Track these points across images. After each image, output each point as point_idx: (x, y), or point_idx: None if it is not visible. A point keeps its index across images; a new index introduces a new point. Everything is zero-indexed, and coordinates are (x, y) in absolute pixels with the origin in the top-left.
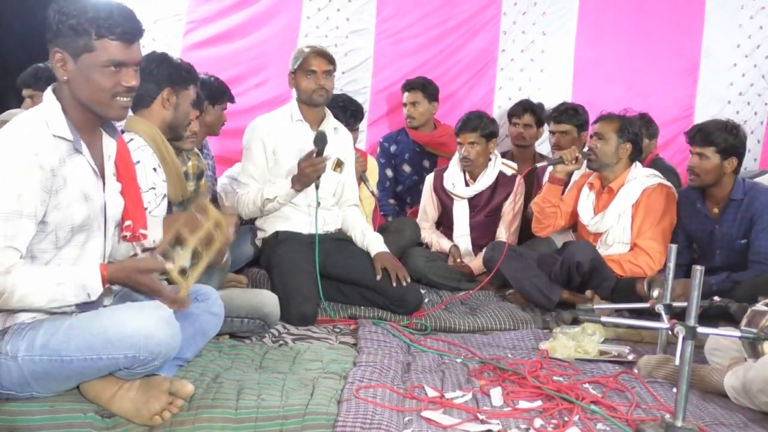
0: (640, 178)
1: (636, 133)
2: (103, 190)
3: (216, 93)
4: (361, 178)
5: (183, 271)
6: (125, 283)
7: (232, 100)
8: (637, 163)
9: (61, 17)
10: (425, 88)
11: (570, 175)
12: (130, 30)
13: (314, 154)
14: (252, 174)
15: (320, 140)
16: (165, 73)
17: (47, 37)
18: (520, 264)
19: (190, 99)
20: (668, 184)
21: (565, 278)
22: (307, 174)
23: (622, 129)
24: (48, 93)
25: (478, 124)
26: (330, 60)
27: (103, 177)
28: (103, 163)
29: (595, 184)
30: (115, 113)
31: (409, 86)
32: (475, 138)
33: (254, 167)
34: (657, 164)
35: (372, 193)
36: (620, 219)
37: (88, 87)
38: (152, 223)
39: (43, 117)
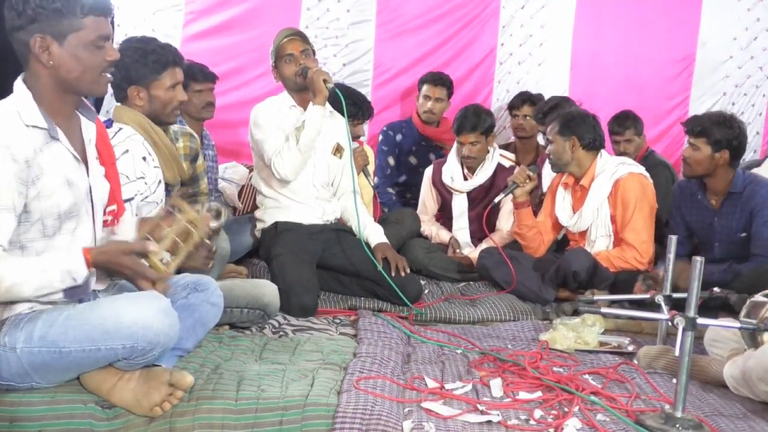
0: (608, 169)
1: (579, 124)
2: (87, 174)
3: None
4: (363, 172)
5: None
6: (108, 265)
7: (205, 79)
8: (603, 152)
9: (41, 2)
10: (450, 87)
11: (530, 193)
12: (108, 3)
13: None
14: (274, 145)
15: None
16: (120, 76)
17: (18, 25)
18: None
19: (165, 87)
20: (640, 171)
21: (561, 282)
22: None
23: (562, 128)
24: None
25: (477, 122)
26: (304, 39)
27: (85, 161)
28: (84, 148)
29: (569, 182)
30: (102, 88)
31: (436, 81)
32: (475, 138)
33: (274, 138)
34: (650, 158)
35: (373, 187)
36: (599, 213)
37: (78, 66)
38: (123, 226)
39: (15, 107)
